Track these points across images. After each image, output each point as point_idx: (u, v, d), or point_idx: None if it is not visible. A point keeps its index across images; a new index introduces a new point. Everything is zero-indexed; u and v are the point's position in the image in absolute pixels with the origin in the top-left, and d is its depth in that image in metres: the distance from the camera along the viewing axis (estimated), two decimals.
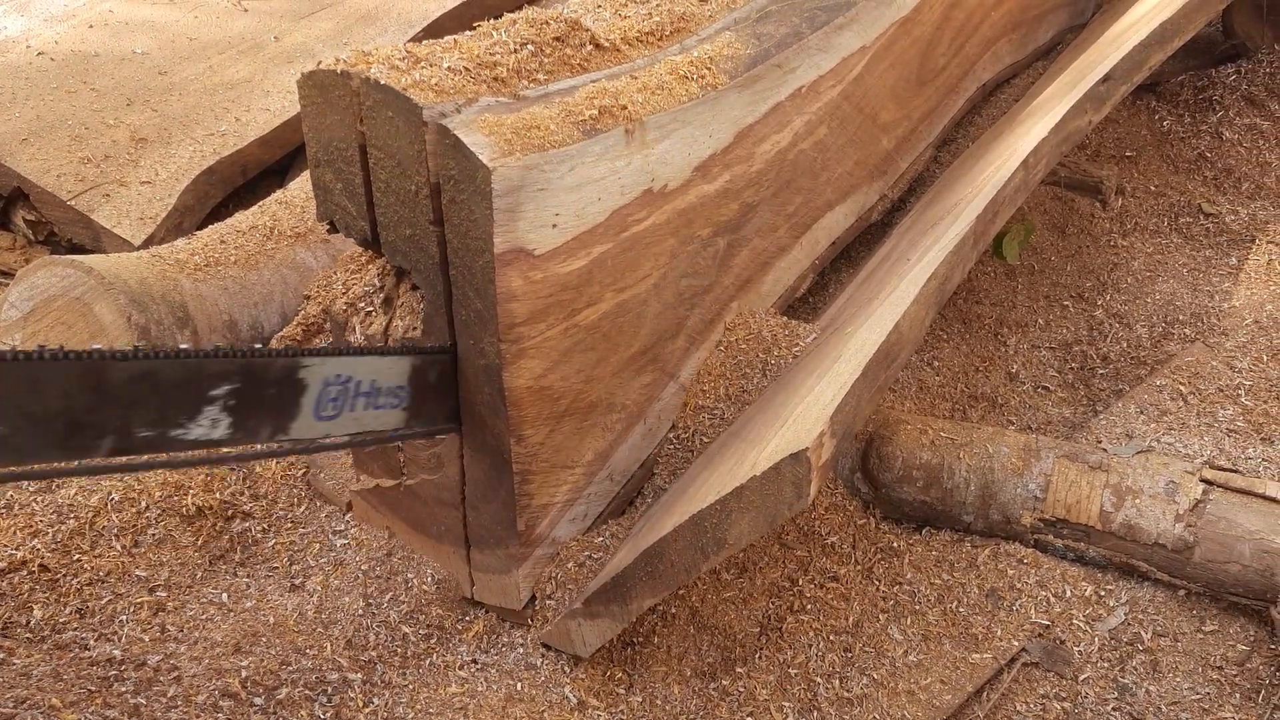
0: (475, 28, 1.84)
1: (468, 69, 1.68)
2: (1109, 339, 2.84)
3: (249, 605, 1.97)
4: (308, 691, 1.81)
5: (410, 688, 1.85)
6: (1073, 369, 2.79)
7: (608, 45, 1.93)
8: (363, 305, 1.87)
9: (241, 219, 2.65)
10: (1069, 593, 2.08)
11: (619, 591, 1.73)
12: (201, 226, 2.86)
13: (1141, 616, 2.04)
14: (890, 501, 2.22)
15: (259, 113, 3.26)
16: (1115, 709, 1.90)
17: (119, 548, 2.01)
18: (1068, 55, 3.41)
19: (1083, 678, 1.95)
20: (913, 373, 2.66)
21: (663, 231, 1.92)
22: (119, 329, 2.14)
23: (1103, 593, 2.09)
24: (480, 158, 1.54)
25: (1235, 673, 1.94)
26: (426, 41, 1.72)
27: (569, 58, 1.83)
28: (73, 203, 2.89)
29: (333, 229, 1.81)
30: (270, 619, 1.93)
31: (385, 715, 1.80)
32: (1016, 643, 2.00)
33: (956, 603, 2.07)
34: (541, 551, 1.94)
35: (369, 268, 1.89)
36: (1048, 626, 2.03)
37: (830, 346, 1.96)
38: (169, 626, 1.91)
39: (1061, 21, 3.73)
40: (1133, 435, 2.39)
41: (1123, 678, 1.95)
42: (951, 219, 2.20)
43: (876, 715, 1.88)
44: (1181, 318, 2.86)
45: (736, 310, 2.24)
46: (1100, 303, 2.96)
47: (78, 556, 1.98)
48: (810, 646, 1.97)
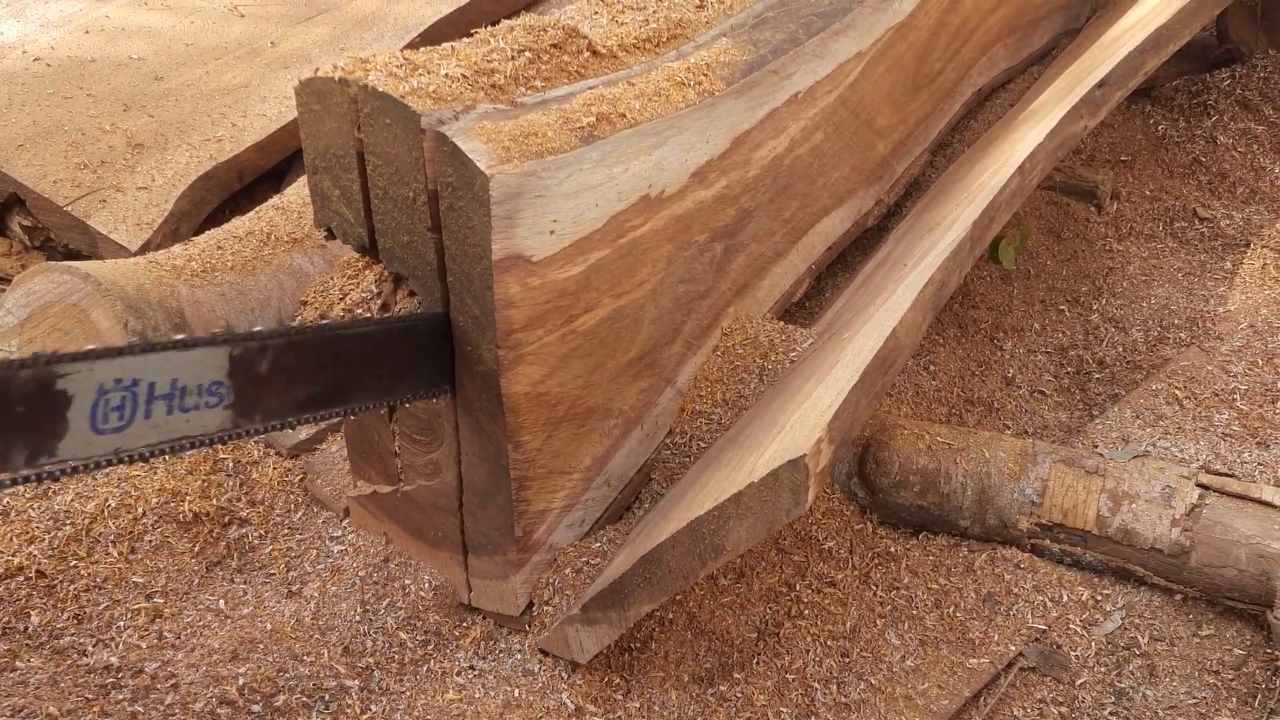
0: (473, 34, 1.84)
1: (465, 76, 1.68)
2: (1105, 343, 2.85)
3: (246, 612, 1.96)
4: (305, 699, 1.81)
5: (408, 694, 1.85)
6: (1069, 373, 2.79)
7: (605, 52, 1.94)
8: (360, 311, 1.88)
9: (238, 224, 2.65)
10: (1066, 597, 2.08)
11: (617, 597, 1.73)
12: (198, 232, 2.86)
13: (1138, 621, 2.05)
14: (887, 506, 2.23)
15: (256, 118, 3.25)
16: (1112, 713, 1.91)
17: (116, 554, 2.01)
18: (1063, 60, 3.42)
19: (1079, 682, 1.96)
20: (909, 377, 2.67)
21: (660, 237, 1.92)
22: (116, 335, 2.14)
23: (1099, 597, 2.09)
24: (478, 165, 1.54)
25: (1232, 677, 1.95)
26: (424, 48, 1.73)
27: (566, 64, 1.84)
28: (69, 208, 2.89)
29: (330, 236, 1.81)
30: (268, 626, 1.93)
31: None
32: (1013, 647, 2.00)
33: (953, 607, 2.07)
34: (539, 557, 1.94)
35: (366, 274, 1.89)
36: (1044, 631, 2.03)
37: (827, 352, 1.97)
38: (166, 633, 1.91)
39: (1056, 26, 3.74)
40: (1129, 440, 2.40)
41: (1119, 682, 1.96)
42: (947, 224, 2.21)
43: None
44: (1177, 322, 2.87)
45: (733, 315, 2.24)
46: (1096, 307, 2.97)
47: (75, 563, 1.98)
48: (808, 652, 1.98)
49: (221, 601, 1.99)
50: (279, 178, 3.35)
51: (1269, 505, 1.99)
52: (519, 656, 1.92)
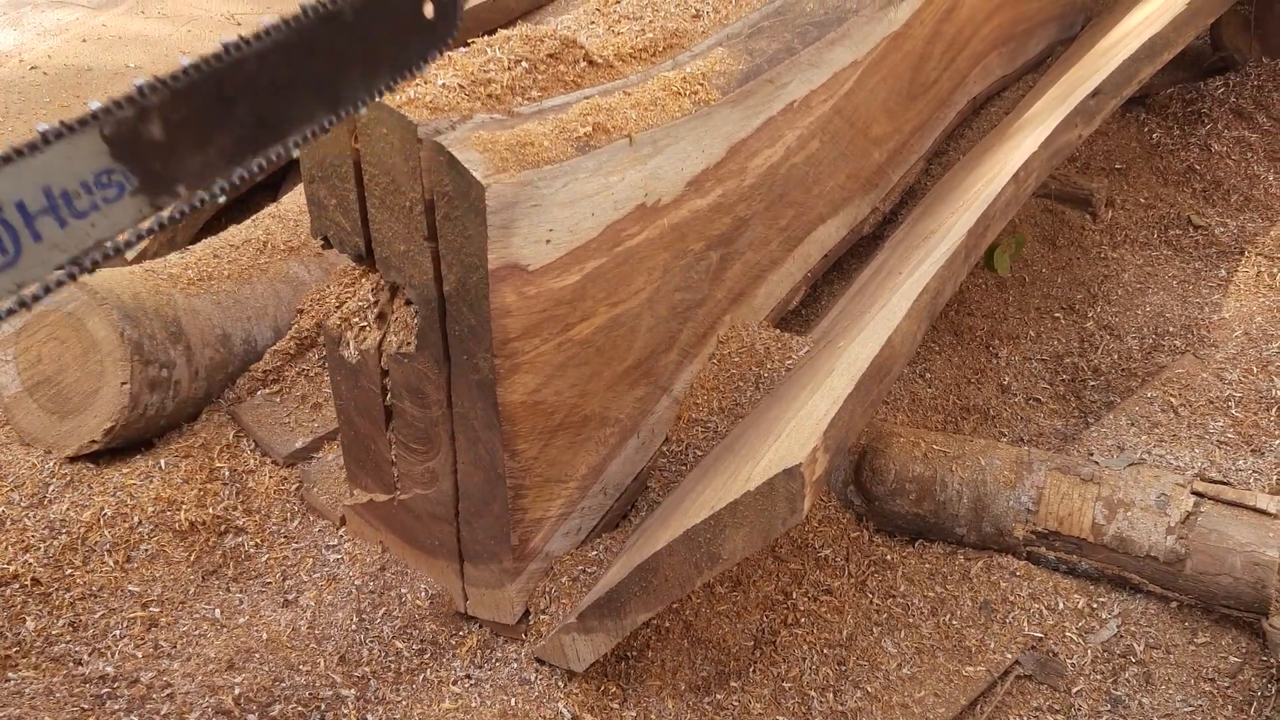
0: (469, 44, 1.85)
1: (462, 86, 1.68)
2: (1100, 351, 2.86)
3: (242, 621, 1.96)
4: (301, 708, 1.80)
5: (404, 704, 1.84)
6: (1064, 381, 2.80)
7: (601, 62, 1.94)
8: (356, 320, 1.88)
9: (235, 233, 2.65)
10: (1062, 605, 2.09)
11: (613, 606, 1.73)
12: (195, 240, 2.86)
13: (1134, 629, 2.05)
14: (883, 514, 2.23)
15: None
16: None
17: (111, 563, 2.01)
18: (1057, 69, 3.43)
19: (1075, 690, 1.96)
20: (905, 385, 2.67)
21: (656, 246, 1.93)
22: (112, 344, 2.14)
23: (1095, 605, 2.09)
24: (474, 174, 1.55)
25: (1228, 684, 1.95)
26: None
27: (563, 74, 1.84)
28: None
29: (327, 244, 1.81)
30: (263, 635, 1.93)
31: None
32: (1010, 655, 2.01)
33: (950, 615, 2.07)
34: (535, 566, 1.94)
35: (363, 282, 1.89)
36: (1041, 639, 2.03)
37: (823, 360, 1.97)
38: (162, 642, 1.91)
39: (1051, 35, 3.75)
40: (1124, 447, 2.41)
41: (1115, 690, 1.96)
42: (943, 233, 2.22)
43: None
44: (1171, 329, 2.88)
45: (729, 323, 2.25)
46: (1091, 315, 2.97)
47: (70, 571, 1.98)
48: (804, 660, 1.98)
49: (217, 610, 1.98)
50: (275, 186, 3.35)
51: (1263, 513, 2.00)
52: (515, 665, 1.92)
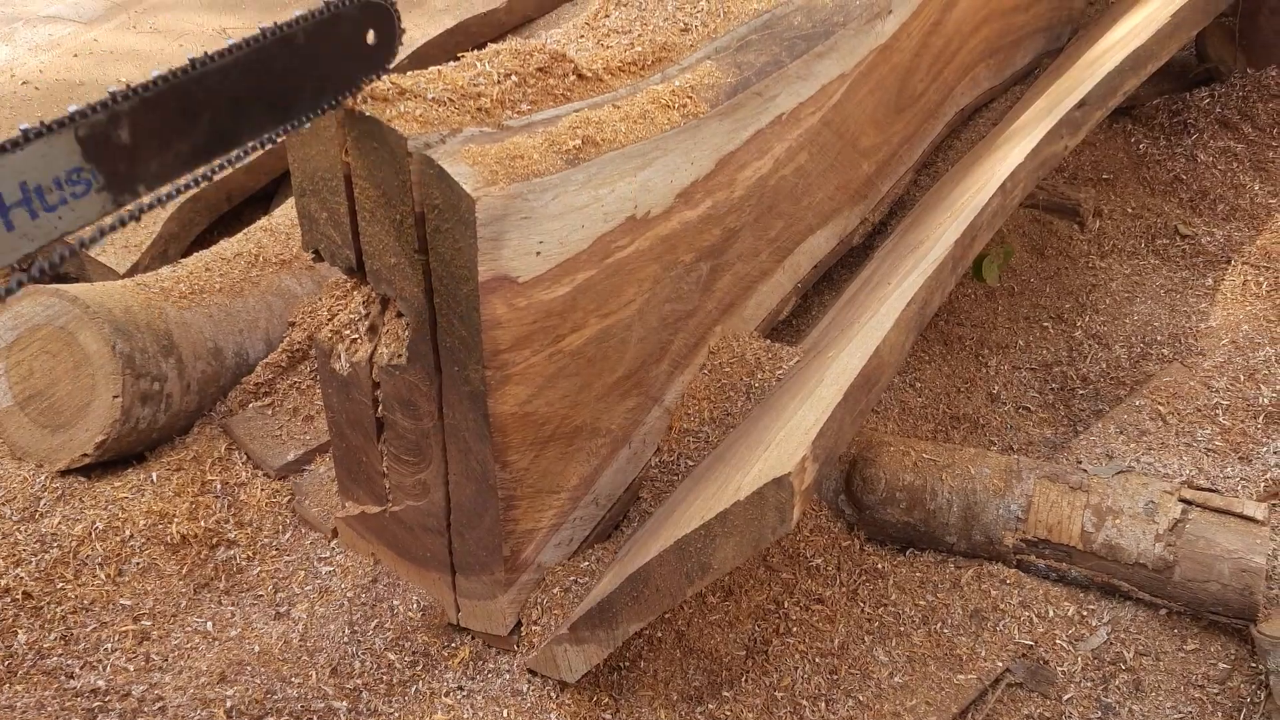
0: (460, 58, 1.86)
1: (452, 100, 1.70)
2: (1088, 359, 2.87)
3: (234, 634, 1.96)
4: None
5: (396, 715, 1.85)
6: (1053, 389, 2.81)
7: (590, 75, 1.96)
8: (348, 332, 1.88)
9: (226, 246, 2.66)
10: (1052, 613, 2.10)
11: (605, 616, 1.74)
12: (187, 254, 2.87)
13: (1124, 636, 2.06)
14: (874, 523, 2.24)
15: None
16: None
17: (103, 576, 2.01)
18: (1044, 80, 3.46)
19: (1066, 697, 1.97)
20: (895, 394, 2.68)
21: (646, 257, 1.94)
22: (103, 357, 2.14)
23: (1085, 612, 2.10)
24: (464, 187, 1.56)
25: (1217, 691, 1.96)
26: (411, 72, 1.74)
27: (552, 88, 1.86)
28: None
29: (318, 257, 1.82)
30: (255, 647, 1.93)
31: None
32: (1000, 663, 2.01)
33: (941, 624, 2.08)
34: (527, 577, 1.94)
35: (354, 295, 1.90)
36: (1031, 647, 2.04)
37: (813, 370, 1.98)
38: (154, 656, 1.90)
39: (1038, 47, 3.79)
40: (1113, 455, 2.42)
41: (1106, 697, 1.97)
42: (930, 243, 2.23)
43: None
44: (1159, 338, 2.89)
45: (720, 334, 2.26)
46: (1079, 324, 2.99)
47: (61, 585, 1.98)
48: (796, 669, 1.98)
49: (209, 623, 1.98)
50: (267, 199, 3.36)
51: (1251, 519, 2.01)
52: (507, 677, 1.92)
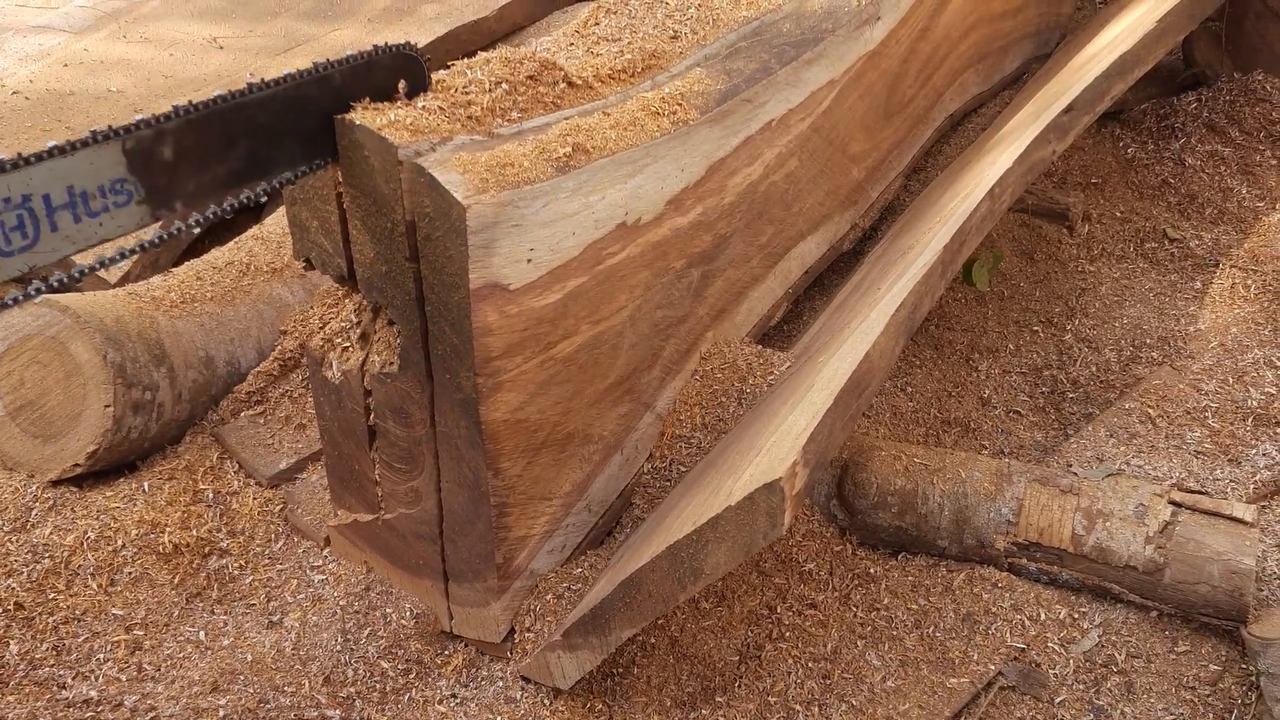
0: (450, 66, 1.87)
1: (442, 108, 1.70)
2: (1078, 363, 2.89)
3: (226, 643, 1.96)
4: None
5: None
6: (1043, 393, 2.83)
7: (580, 83, 1.97)
8: (339, 340, 1.89)
9: (218, 255, 2.66)
10: (1043, 616, 2.10)
11: (598, 623, 1.74)
12: (178, 263, 2.87)
13: (1115, 638, 2.07)
14: (866, 527, 2.25)
15: None
16: None
17: (95, 586, 2.00)
18: (1032, 85, 3.48)
19: (1058, 700, 1.97)
20: (886, 399, 2.69)
21: (637, 264, 1.94)
22: (95, 367, 2.14)
23: (1076, 615, 2.11)
24: (455, 195, 1.56)
25: (1208, 693, 1.97)
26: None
27: (542, 96, 1.86)
28: None
29: (309, 266, 1.82)
30: (248, 657, 1.92)
31: None
32: (993, 666, 2.02)
33: (933, 628, 2.09)
34: (520, 584, 1.94)
35: (345, 303, 1.90)
36: (1023, 650, 2.05)
37: (803, 376, 1.99)
38: (146, 665, 1.90)
39: (1026, 52, 3.81)
40: (1103, 458, 2.43)
41: (1097, 699, 1.97)
42: (920, 249, 2.24)
43: None
44: (1149, 341, 2.91)
45: (711, 340, 2.26)
46: (1069, 327, 3.01)
47: (53, 595, 1.97)
48: (789, 674, 1.98)
49: (202, 633, 1.98)
50: (258, 209, 3.36)
51: (1240, 521, 2.02)
52: (501, 684, 1.92)
